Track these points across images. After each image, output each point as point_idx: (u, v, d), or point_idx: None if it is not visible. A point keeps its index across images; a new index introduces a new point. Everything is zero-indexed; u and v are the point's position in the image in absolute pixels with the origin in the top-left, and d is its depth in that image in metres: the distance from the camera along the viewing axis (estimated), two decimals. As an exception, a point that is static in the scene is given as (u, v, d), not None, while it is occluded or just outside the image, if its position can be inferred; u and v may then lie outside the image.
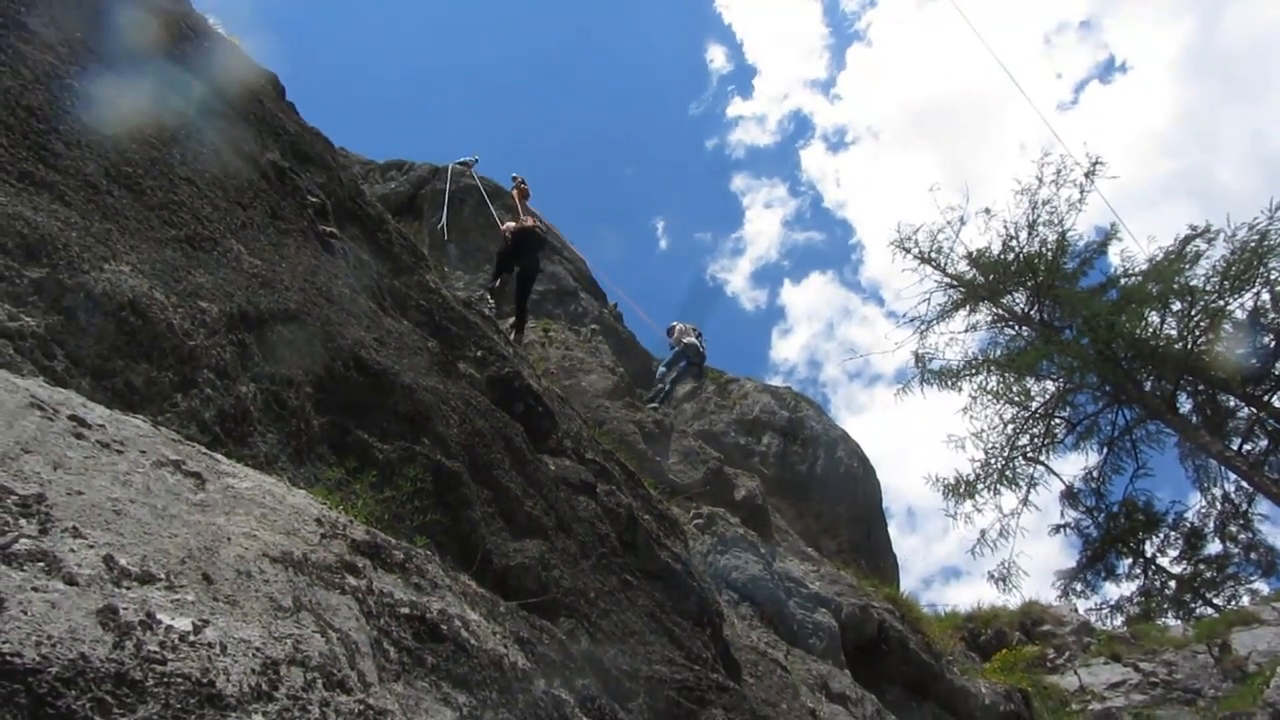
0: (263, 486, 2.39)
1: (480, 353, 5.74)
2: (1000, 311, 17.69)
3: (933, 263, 17.88)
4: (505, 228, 10.35)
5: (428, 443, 4.18)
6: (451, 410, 4.55)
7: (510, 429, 5.05)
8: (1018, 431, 17.45)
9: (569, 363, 11.57)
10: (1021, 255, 16.77)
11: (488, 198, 13.65)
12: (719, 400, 15.30)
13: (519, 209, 11.33)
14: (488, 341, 6.06)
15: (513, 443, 4.94)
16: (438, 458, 4.16)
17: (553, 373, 10.56)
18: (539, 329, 12.29)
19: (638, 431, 10.77)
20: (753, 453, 14.46)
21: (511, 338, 8.60)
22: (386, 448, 3.96)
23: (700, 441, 12.28)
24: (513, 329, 9.41)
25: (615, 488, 6.11)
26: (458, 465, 4.28)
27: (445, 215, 13.09)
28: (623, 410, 11.00)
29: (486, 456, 4.57)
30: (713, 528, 9.62)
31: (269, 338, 3.60)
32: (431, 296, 5.85)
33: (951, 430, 22.44)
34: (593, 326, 13.98)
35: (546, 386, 7.13)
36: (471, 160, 15.07)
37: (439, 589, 2.66)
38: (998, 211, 18.67)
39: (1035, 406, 17.48)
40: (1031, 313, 17.21)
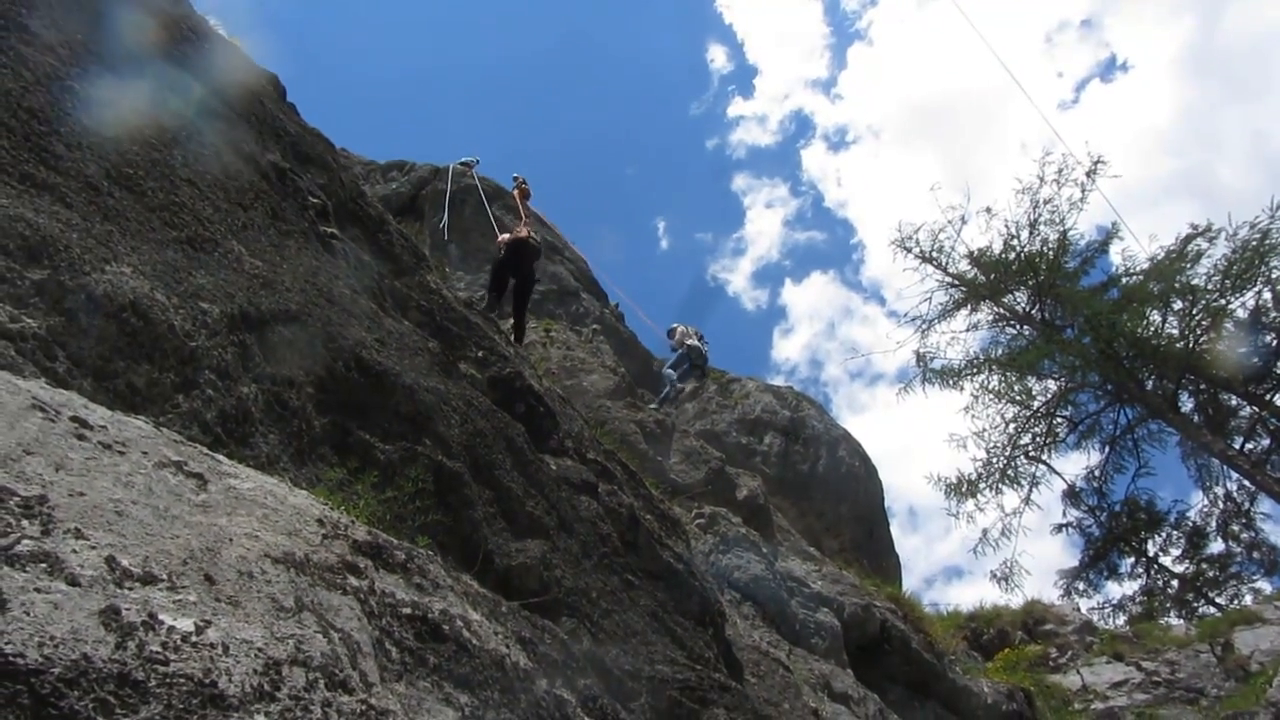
0: (264, 487, 2.40)
1: (481, 353, 5.75)
2: (1002, 311, 17.69)
3: (934, 262, 17.89)
4: (500, 240, 10.00)
5: (429, 443, 4.18)
6: (453, 410, 4.56)
7: (511, 429, 5.05)
8: (1019, 431, 17.46)
9: (570, 363, 11.57)
10: (1023, 254, 16.77)
11: (487, 200, 13.64)
12: (720, 400, 15.30)
13: (520, 209, 11.31)
14: (489, 342, 6.06)
15: (514, 443, 4.94)
16: (439, 458, 4.16)
17: (554, 373, 10.56)
18: (540, 329, 12.29)
19: (639, 431, 10.77)
20: (754, 452, 14.45)
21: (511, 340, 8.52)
22: (388, 448, 3.96)
23: (702, 441, 12.28)
24: (511, 333, 9.31)
25: (617, 488, 6.11)
26: (459, 465, 4.28)
27: (446, 216, 13.11)
28: (624, 410, 11.00)
29: (488, 457, 4.57)
30: (714, 527, 9.62)
31: (270, 339, 3.60)
32: (432, 297, 5.85)
33: (953, 429, 22.60)
34: (594, 326, 13.98)
35: (548, 386, 7.13)
36: (472, 161, 15.10)
37: (441, 589, 2.67)
38: (999, 210, 18.72)
39: (1037, 406, 17.49)
40: (1033, 312, 17.21)
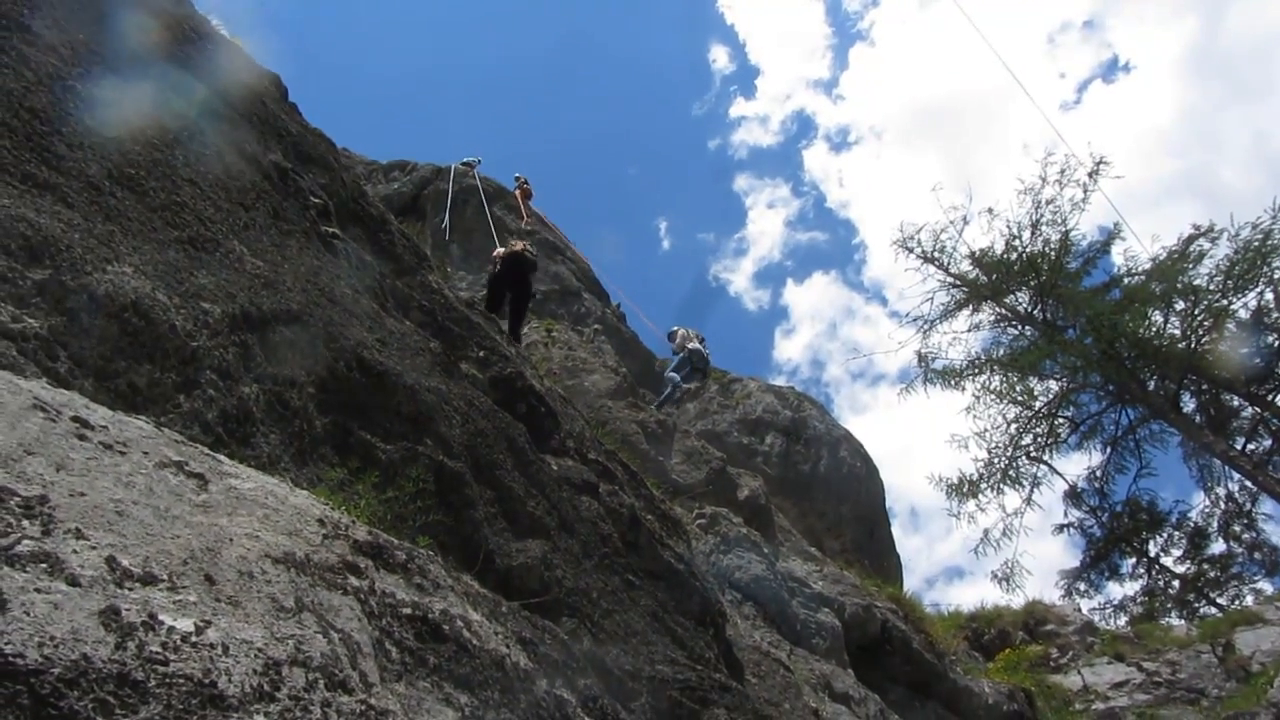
0: (265, 487, 2.40)
1: (483, 353, 5.75)
2: (1003, 311, 17.66)
3: (936, 262, 17.85)
4: (495, 254, 9.95)
5: (430, 443, 4.18)
6: (454, 411, 4.56)
7: (513, 429, 5.05)
8: (1021, 431, 17.42)
9: (571, 363, 11.57)
10: (1025, 255, 16.74)
11: (486, 201, 13.65)
12: (722, 400, 15.30)
13: (521, 209, 11.32)
14: (490, 342, 6.06)
15: (515, 443, 4.94)
16: (440, 458, 4.16)
17: (555, 373, 10.56)
18: (542, 329, 12.30)
19: (640, 431, 10.77)
20: (756, 452, 14.45)
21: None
22: (389, 448, 3.96)
23: (703, 441, 12.28)
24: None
25: (618, 488, 6.11)
26: (460, 466, 4.28)
27: (448, 216, 13.12)
28: (625, 410, 11.00)
29: (489, 457, 4.57)
30: (715, 528, 9.61)
31: (271, 339, 3.61)
32: (434, 297, 5.86)
33: (955, 430, 22.65)
34: (595, 327, 13.99)
35: (549, 387, 7.13)
36: (474, 161, 15.13)
37: (441, 589, 2.67)
38: (1001, 211, 18.61)
39: (1038, 406, 17.45)
40: (1035, 312, 17.17)
